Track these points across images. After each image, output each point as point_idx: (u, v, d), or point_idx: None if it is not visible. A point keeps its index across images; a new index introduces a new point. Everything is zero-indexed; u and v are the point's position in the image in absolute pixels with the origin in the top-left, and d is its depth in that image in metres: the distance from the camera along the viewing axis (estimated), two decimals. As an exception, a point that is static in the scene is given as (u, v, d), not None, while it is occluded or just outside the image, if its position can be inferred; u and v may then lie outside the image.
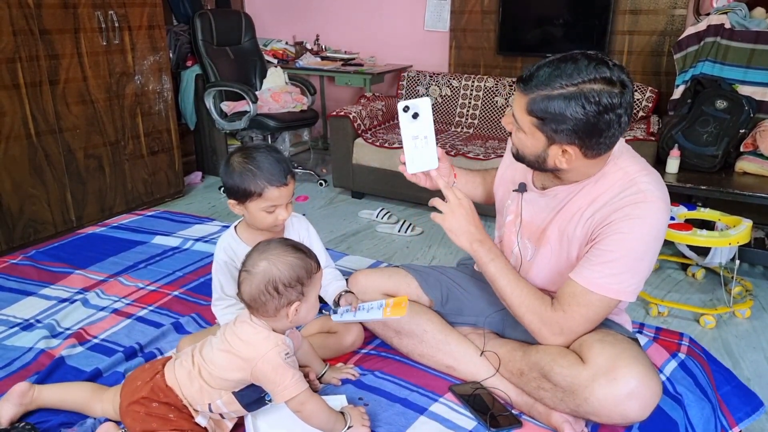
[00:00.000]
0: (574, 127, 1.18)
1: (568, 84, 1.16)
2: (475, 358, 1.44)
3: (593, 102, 1.15)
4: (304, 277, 1.17)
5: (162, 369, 1.23)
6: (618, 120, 1.18)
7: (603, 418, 1.22)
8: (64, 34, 3.08)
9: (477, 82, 4.08)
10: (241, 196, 1.36)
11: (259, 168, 1.34)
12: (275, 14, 5.02)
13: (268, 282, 1.14)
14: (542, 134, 1.23)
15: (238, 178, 1.34)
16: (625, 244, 1.23)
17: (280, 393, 1.15)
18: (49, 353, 1.50)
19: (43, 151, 3.07)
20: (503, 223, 1.50)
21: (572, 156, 1.23)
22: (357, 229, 3.47)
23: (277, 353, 1.15)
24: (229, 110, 3.96)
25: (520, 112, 1.24)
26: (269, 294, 1.15)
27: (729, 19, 3.13)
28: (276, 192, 1.35)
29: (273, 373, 1.14)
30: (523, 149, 1.29)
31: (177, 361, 1.24)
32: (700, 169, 2.92)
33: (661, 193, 1.25)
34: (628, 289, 1.27)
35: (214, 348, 1.20)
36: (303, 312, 1.19)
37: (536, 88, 1.19)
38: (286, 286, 1.15)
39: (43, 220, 3.13)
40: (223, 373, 1.18)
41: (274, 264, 1.15)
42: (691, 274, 2.88)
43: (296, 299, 1.17)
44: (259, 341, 1.17)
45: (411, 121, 1.33)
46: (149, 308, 1.74)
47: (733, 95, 2.97)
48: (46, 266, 1.98)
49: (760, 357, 2.25)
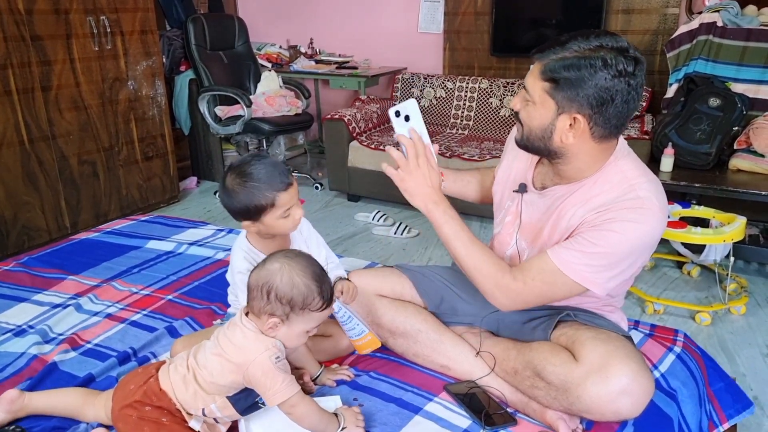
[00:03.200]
0: (586, 91, 1.17)
1: (584, 47, 1.17)
2: (470, 357, 1.44)
3: (609, 65, 1.15)
4: (297, 303, 1.14)
5: (156, 373, 1.22)
6: (629, 92, 1.18)
7: (596, 415, 1.22)
8: (55, 40, 3.08)
9: (471, 84, 4.08)
10: (255, 214, 1.31)
11: (260, 180, 1.29)
12: (269, 18, 5.03)
13: (266, 282, 1.14)
14: (553, 101, 1.21)
15: (245, 198, 1.29)
16: (612, 242, 1.21)
17: (272, 396, 1.15)
18: (42, 359, 1.50)
19: (36, 158, 3.06)
20: (502, 221, 1.50)
21: (580, 128, 1.21)
22: (353, 232, 3.47)
23: (268, 357, 1.14)
24: (223, 115, 3.96)
25: (534, 80, 1.23)
26: (260, 292, 1.15)
27: (721, 17, 3.14)
28: (286, 196, 1.31)
29: (264, 377, 1.14)
30: (531, 123, 1.27)
31: (171, 366, 1.23)
32: (694, 167, 2.92)
33: (659, 202, 1.23)
34: (601, 282, 1.24)
35: (208, 352, 1.20)
36: (280, 334, 1.17)
37: (552, 53, 1.20)
38: (277, 298, 1.14)
39: (38, 227, 3.12)
40: (217, 378, 1.17)
41: (282, 272, 1.14)
42: (686, 271, 2.89)
43: (279, 317, 1.15)
44: (250, 345, 1.16)
45: (405, 124, 1.33)
46: (143, 312, 1.73)
47: (726, 93, 2.98)
48: (39, 272, 1.98)
49: (755, 353, 2.25)
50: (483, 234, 3.39)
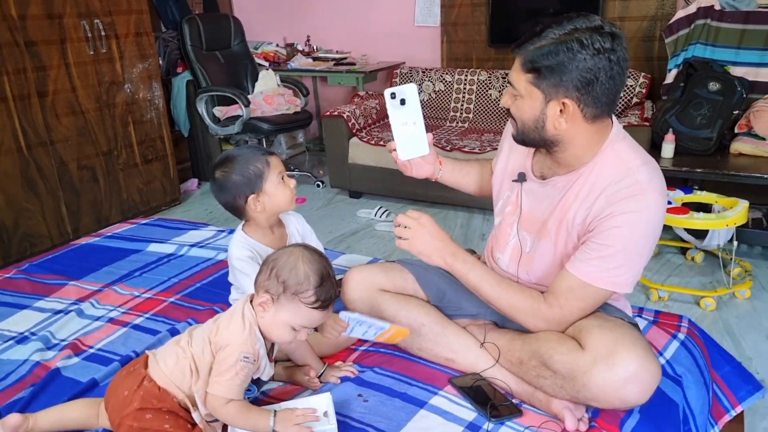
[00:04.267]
0: (569, 75, 1.18)
1: (559, 33, 1.18)
2: (474, 349, 1.43)
3: (586, 45, 1.16)
4: (290, 286, 1.17)
5: (146, 372, 1.20)
6: (611, 68, 1.18)
7: (603, 403, 1.21)
8: (50, 45, 3.07)
9: (470, 76, 4.06)
10: (256, 179, 1.39)
11: (243, 154, 1.42)
12: (265, 17, 5.01)
13: (275, 259, 1.20)
14: (539, 91, 1.22)
15: (242, 168, 1.39)
16: (622, 239, 1.23)
17: (214, 383, 1.16)
18: (45, 365, 1.49)
19: (35, 164, 3.06)
20: (502, 212, 1.50)
21: (570, 112, 1.22)
22: (356, 229, 3.46)
23: (238, 350, 1.16)
24: (222, 115, 3.95)
25: (517, 74, 1.25)
26: (267, 266, 1.20)
27: (718, 1, 3.12)
28: (274, 159, 1.43)
29: (222, 362, 1.16)
30: (522, 116, 1.28)
31: (159, 356, 1.22)
32: (695, 152, 2.90)
33: (657, 185, 1.24)
34: (626, 281, 1.27)
35: (205, 332, 1.22)
36: (267, 317, 1.19)
37: (530, 44, 1.21)
38: (276, 274, 1.18)
39: (39, 234, 3.12)
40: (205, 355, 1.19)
41: (292, 254, 1.19)
42: (690, 257, 2.87)
43: (271, 295, 1.18)
44: (233, 331, 1.18)
45: (399, 108, 1.35)
46: (145, 316, 1.73)
47: (726, 77, 2.96)
48: (40, 279, 1.97)
49: (761, 336, 2.24)
50: (486, 226, 3.38)
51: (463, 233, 3.32)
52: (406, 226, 1.37)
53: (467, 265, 1.38)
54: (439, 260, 1.38)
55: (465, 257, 1.38)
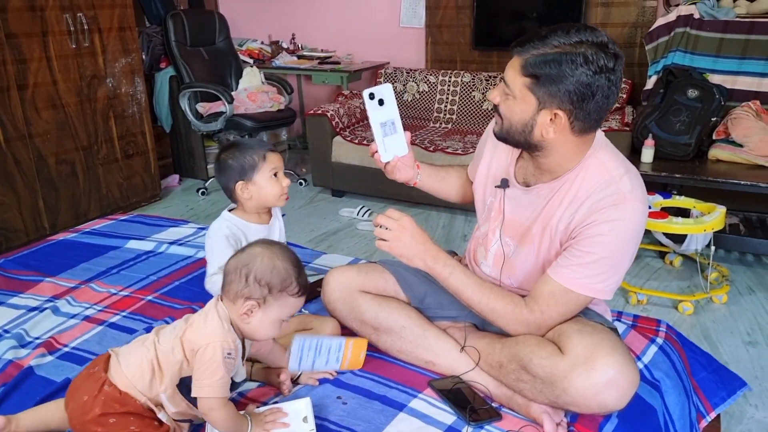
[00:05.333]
0: (567, 87, 1.17)
1: (565, 42, 1.17)
2: (455, 352, 1.43)
3: (591, 61, 1.15)
4: (275, 285, 1.16)
5: (106, 376, 1.17)
6: (609, 87, 1.18)
7: (582, 407, 1.22)
8: (31, 37, 3.02)
9: (454, 78, 4.08)
10: (249, 169, 1.50)
11: (249, 143, 1.55)
12: (250, 14, 4.98)
13: (246, 265, 1.17)
14: (534, 97, 1.21)
15: (240, 156, 1.51)
16: (604, 247, 1.24)
17: (201, 387, 1.14)
18: (17, 364, 1.46)
19: (12, 158, 3.00)
20: (487, 218, 1.50)
21: (560, 123, 1.22)
22: (338, 228, 3.45)
23: (221, 347, 1.14)
24: (205, 111, 3.92)
25: (514, 75, 1.23)
26: (239, 275, 1.17)
27: (698, 9, 3.17)
28: (274, 155, 1.53)
29: (207, 364, 1.13)
30: (511, 117, 1.27)
31: (124, 355, 1.19)
32: (674, 158, 2.94)
33: (639, 194, 1.26)
34: (607, 288, 1.28)
35: (176, 331, 1.20)
36: (255, 320, 1.18)
37: (532, 48, 1.19)
38: (256, 280, 1.16)
39: (15, 228, 3.06)
40: (175, 355, 1.16)
41: (263, 256, 1.17)
42: (668, 261, 2.91)
43: (256, 300, 1.16)
44: (210, 329, 1.16)
45: (378, 108, 1.36)
46: (122, 314, 1.70)
47: (704, 84, 3.00)
48: (15, 275, 1.93)
49: (737, 341, 2.27)
50: (468, 227, 3.39)
51: (445, 234, 3.33)
52: (387, 227, 1.35)
53: (448, 268, 1.37)
54: (420, 263, 1.37)
55: (446, 260, 1.38)
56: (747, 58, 3.09)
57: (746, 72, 3.10)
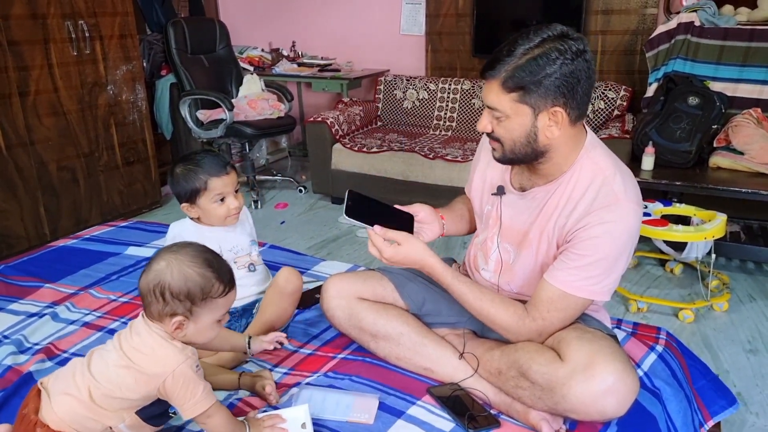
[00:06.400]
0: (554, 83, 1.19)
1: (531, 47, 1.19)
2: (453, 359, 1.43)
3: (563, 51, 1.18)
4: (196, 295, 1.08)
5: (37, 418, 1.08)
6: (588, 68, 1.22)
7: (581, 415, 1.21)
8: (33, 45, 3.03)
9: (454, 85, 4.09)
10: (191, 196, 1.50)
11: (198, 165, 1.50)
12: (250, 21, 5.00)
13: (157, 284, 1.08)
14: (527, 106, 1.22)
15: (183, 182, 1.50)
16: (600, 248, 1.24)
17: (191, 408, 1.09)
18: (17, 369, 1.46)
19: (14, 165, 3.01)
20: (485, 227, 1.50)
21: (560, 118, 1.23)
22: (337, 235, 3.45)
23: (189, 366, 1.09)
24: (205, 119, 3.93)
25: (498, 96, 1.23)
26: (155, 296, 1.08)
27: (698, 17, 3.17)
28: (219, 181, 1.50)
29: (183, 388, 1.08)
30: (512, 135, 1.27)
31: (54, 395, 1.09)
32: (674, 165, 2.94)
33: (633, 194, 1.27)
34: (604, 289, 1.28)
35: (110, 365, 1.09)
36: (189, 331, 1.11)
37: (503, 65, 1.21)
38: (173, 296, 1.08)
39: (17, 235, 3.06)
40: (126, 392, 1.08)
41: (171, 268, 1.08)
42: (669, 269, 2.90)
43: (182, 314, 1.09)
44: (166, 354, 1.09)
45: None
46: (121, 320, 1.70)
47: (705, 91, 3.01)
48: (15, 281, 1.94)
49: (738, 349, 2.27)
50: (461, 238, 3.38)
51: (444, 241, 3.33)
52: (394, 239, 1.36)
53: (449, 274, 1.37)
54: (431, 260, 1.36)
55: (443, 267, 1.38)
56: (748, 66, 3.09)
57: (747, 79, 3.10)
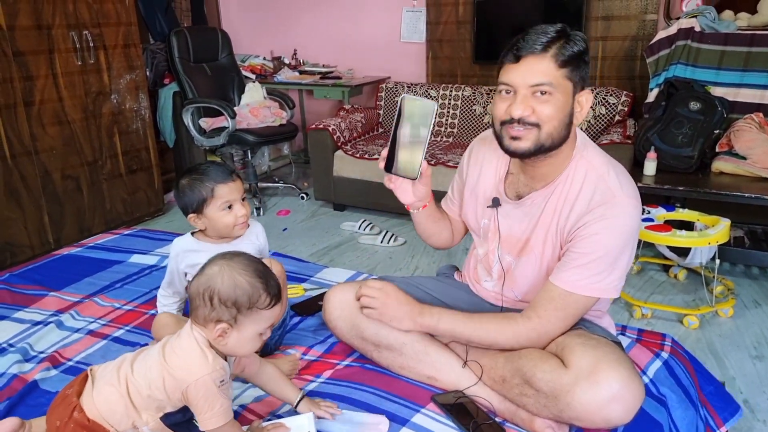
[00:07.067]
0: (585, 60, 1.27)
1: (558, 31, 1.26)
2: (457, 367, 1.43)
3: (581, 37, 1.27)
4: (243, 303, 1.10)
5: (77, 401, 1.12)
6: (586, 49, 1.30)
7: (586, 422, 1.21)
8: (38, 55, 3.05)
9: (455, 92, 4.09)
10: (198, 206, 1.47)
11: (204, 174, 1.48)
12: (252, 30, 5.02)
13: (207, 287, 1.10)
14: (570, 83, 1.26)
15: (189, 192, 1.47)
16: (601, 245, 1.25)
17: (207, 420, 1.10)
18: (22, 378, 1.46)
19: (18, 174, 3.02)
20: (485, 240, 1.50)
21: (588, 96, 1.30)
22: (339, 242, 3.45)
23: (212, 379, 1.10)
24: (207, 126, 3.94)
25: (547, 70, 1.24)
26: (203, 300, 1.10)
27: (699, 23, 3.18)
28: (225, 188, 1.47)
29: (203, 399, 1.09)
30: (556, 114, 1.25)
31: (98, 383, 1.14)
32: (677, 170, 2.94)
33: (629, 189, 1.29)
34: (610, 286, 1.28)
35: (149, 362, 1.14)
36: (231, 341, 1.12)
37: (550, 43, 1.24)
38: (221, 301, 1.09)
39: (21, 244, 3.07)
40: (154, 391, 1.11)
41: (223, 273, 1.10)
42: (673, 275, 2.90)
43: (227, 322, 1.10)
44: (196, 363, 1.10)
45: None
46: (125, 328, 1.71)
47: (706, 96, 3.01)
48: (20, 289, 1.94)
49: (744, 355, 2.26)
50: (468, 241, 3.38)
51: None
52: (372, 296, 1.40)
53: (435, 316, 1.41)
54: (409, 323, 1.41)
55: (431, 311, 1.42)
56: (749, 71, 3.09)
57: (749, 84, 3.10)
